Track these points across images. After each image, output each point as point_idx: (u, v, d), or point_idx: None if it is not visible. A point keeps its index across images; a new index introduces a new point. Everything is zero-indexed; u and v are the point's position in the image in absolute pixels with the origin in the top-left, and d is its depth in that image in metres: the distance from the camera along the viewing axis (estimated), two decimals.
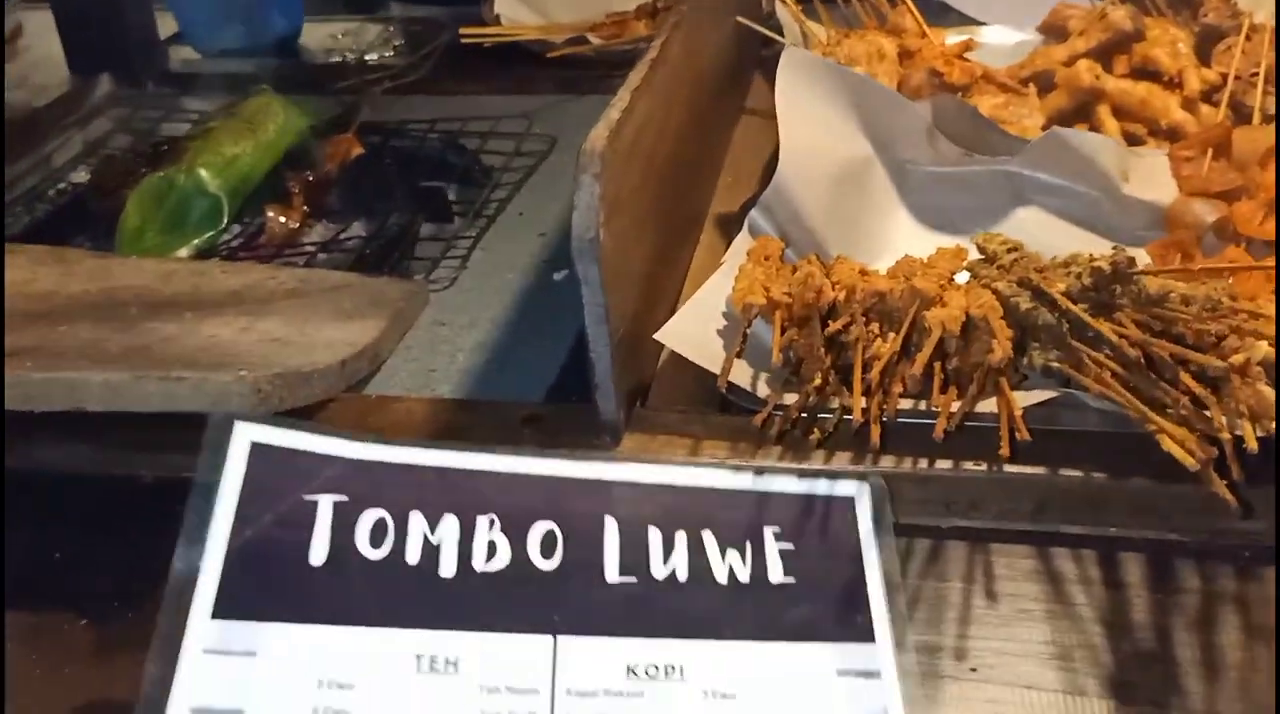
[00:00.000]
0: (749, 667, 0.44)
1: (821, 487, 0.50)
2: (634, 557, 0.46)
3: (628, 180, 0.56)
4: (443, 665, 0.42)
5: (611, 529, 0.47)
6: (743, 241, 0.68)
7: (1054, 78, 0.86)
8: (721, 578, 0.46)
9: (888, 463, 0.52)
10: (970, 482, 0.52)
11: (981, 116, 0.77)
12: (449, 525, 0.45)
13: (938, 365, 0.54)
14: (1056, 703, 0.44)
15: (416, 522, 0.45)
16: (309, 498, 0.44)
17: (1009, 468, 0.52)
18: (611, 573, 0.46)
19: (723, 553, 0.47)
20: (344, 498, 0.45)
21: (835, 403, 0.55)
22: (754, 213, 0.69)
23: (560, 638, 0.43)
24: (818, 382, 0.53)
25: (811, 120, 0.72)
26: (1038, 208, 0.73)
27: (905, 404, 0.54)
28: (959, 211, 0.73)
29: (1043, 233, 0.70)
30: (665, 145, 0.65)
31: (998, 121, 0.78)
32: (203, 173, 0.78)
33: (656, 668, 0.43)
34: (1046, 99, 0.86)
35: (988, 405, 0.53)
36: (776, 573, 0.47)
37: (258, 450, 0.45)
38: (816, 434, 0.52)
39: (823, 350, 0.55)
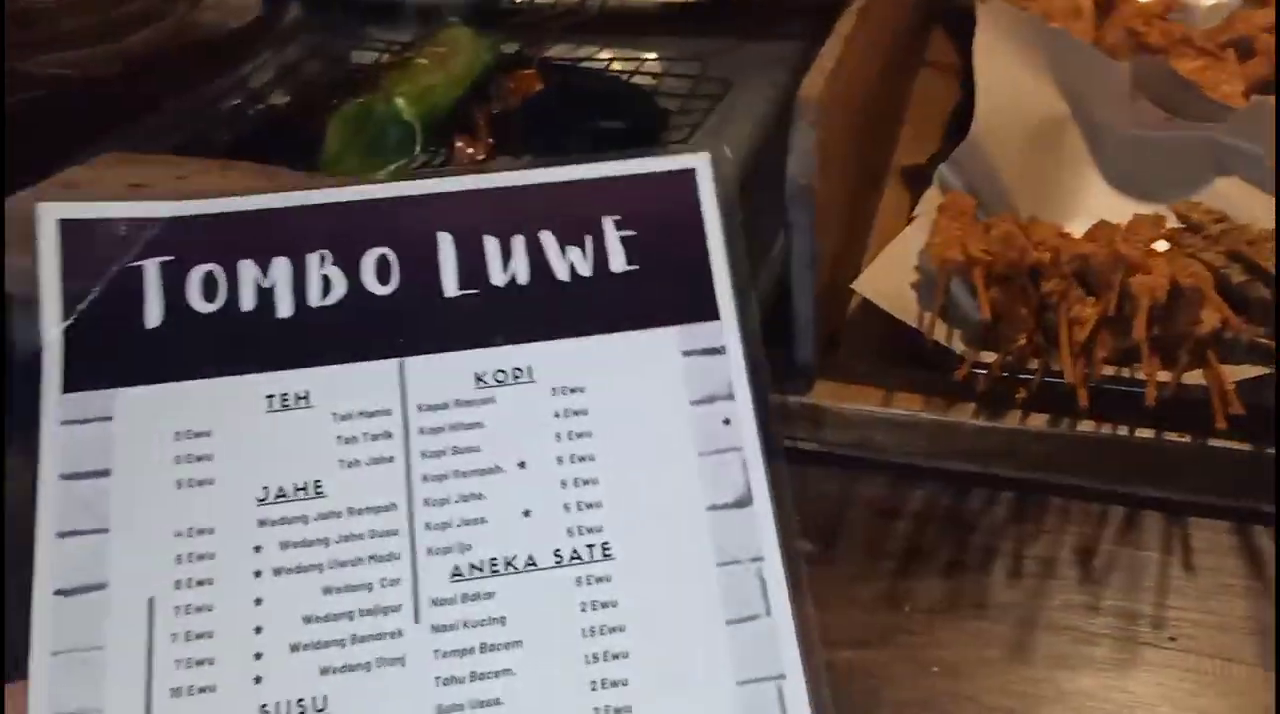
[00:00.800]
0: (595, 359, 0.44)
1: (659, 164, 0.48)
2: (472, 268, 0.45)
3: (837, 128, 0.56)
4: (293, 401, 0.43)
5: (446, 244, 0.45)
6: (932, 196, 0.68)
7: (1254, 44, 0.83)
8: (563, 275, 0.45)
9: (1087, 427, 0.52)
10: (1172, 452, 0.52)
11: (1185, 80, 0.74)
12: (280, 268, 0.44)
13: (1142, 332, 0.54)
14: (1256, 677, 0.44)
15: (247, 269, 0.44)
16: (134, 264, 0.44)
17: (1212, 441, 0.51)
18: (450, 288, 0.45)
19: (563, 250, 0.46)
20: (169, 257, 0.44)
21: (1033, 364, 0.55)
22: (943, 168, 0.69)
23: (406, 359, 0.44)
24: (1022, 341, 0.53)
25: (1009, 76, 0.71)
26: (1239, 178, 0.71)
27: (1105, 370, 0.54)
28: (1155, 177, 0.71)
29: (1244, 204, 0.68)
30: (864, 95, 0.65)
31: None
32: (400, 101, 0.80)
33: (504, 372, 0.44)
34: (1246, 66, 0.82)
35: (1190, 376, 0.53)
36: (619, 262, 0.46)
37: (68, 227, 0.44)
38: (1022, 393, 0.52)
39: (1025, 310, 0.55)
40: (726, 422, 0.44)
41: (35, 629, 0.38)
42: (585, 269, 0.45)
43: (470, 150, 0.84)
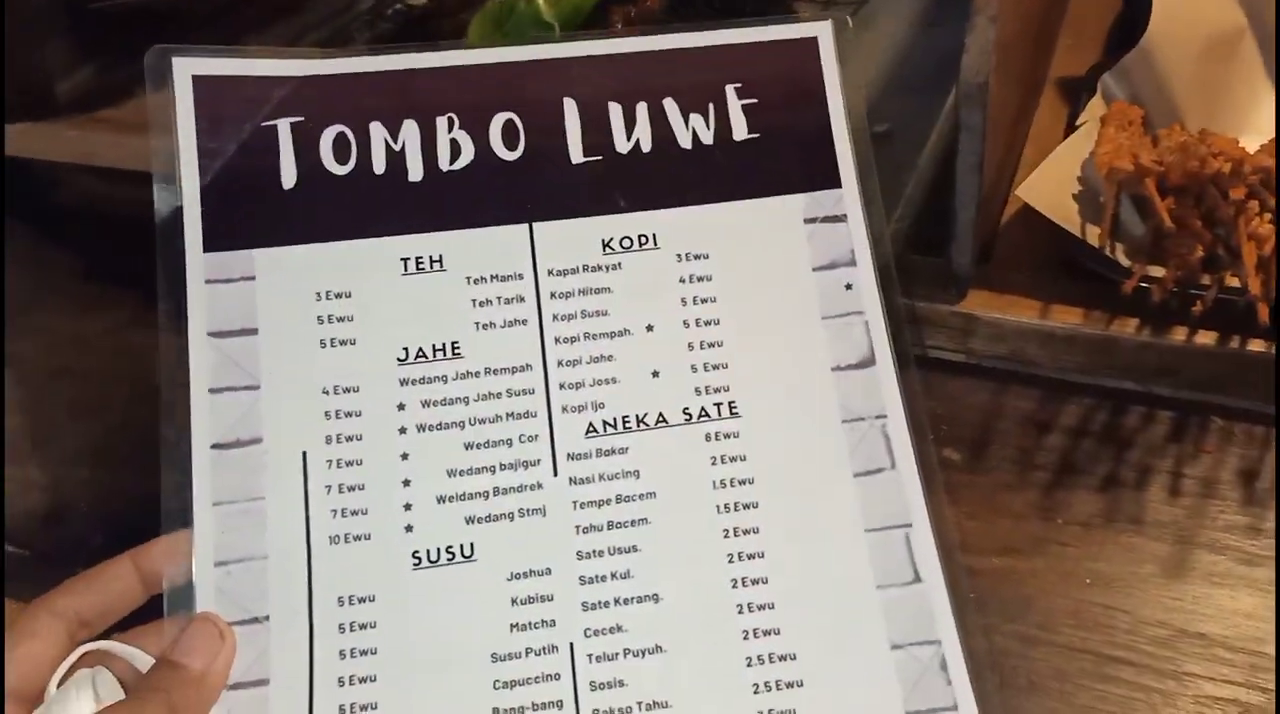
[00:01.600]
0: (718, 226, 0.45)
1: (782, 32, 0.48)
2: (597, 135, 0.46)
3: (1011, 26, 0.54)
4: (428, 264, 0.44)
5: (571, 110, 0.46)
6: (1096, 106, 0.65)
7: None
8: (686, 143, 0.46)
9: (1257, 346, 0.50)
10: None
11: None
12: (409, 130, 0.45)
13: None
14: None
15: (377, 131, 0.45)
16: (267, 124, 0.44)
17: None
18: (576, 154, 0.46)
19: (686, 118, 0.46)
20: (300, 118, 0.44)
21: (1205, 279, 0.53)
22: (1108, 77, 0.66)
23: (535, 224, 0.45)
24: (1199, 254, 0.51)
25: None
26: None
27: None
28: None
29: None
30: None
31: None
32: (540, 1, 0.79)
33: (630, 239, 0.45)
34: None
35: None
36: (741, 130, 0.46)
37: (202, 82, 0.44)
38: (1199, 307, 0.50)
39: (1200, 223, 0.53)
40: (849, 287, 0.44)
41: (196, 481, 0.40)
42: (708, 137, 0.46)
43: None
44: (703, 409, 0.43)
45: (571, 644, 0.40)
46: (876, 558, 0.41)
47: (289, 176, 0.44)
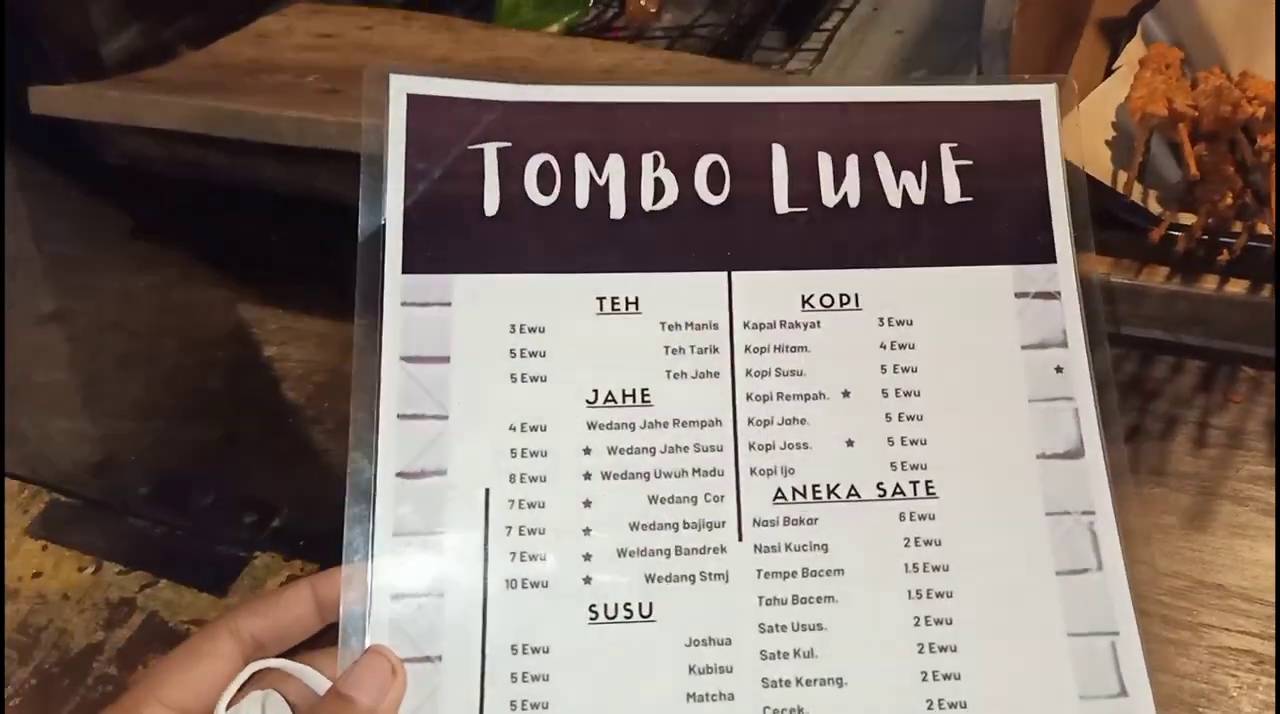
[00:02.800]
0: (924, 292, 0.43)
1: (1003, 93, 0.46)
2: (804, 185, 0.44)
3: None
4: (624, 305, 0.42)
5: (780, 157, 0.44)
6: (1134, 48, 0.64)
7: None
8: (895, 202, 0.44)
9: None
10: None
11: None
12: (615, 165, 0.44)
13: None
14: None
15: (582, 163, 0.43)
16: (473, 147, 0.43)
17: None
18: (781, 203, 0.44)
19: (897, 175, 0.44)
20: (508, 144, 0.43)
21: (1237, 227, 0.52)
22: (1149, 18, 0.64)
23: (735, 273, 0.43)
24: (1229, 201, 0.50)
25: None
26: None
27: None
28: None
29: None
30: None
31: None
32: None
33: (831, 297, 0.43)
34: None
35: None
36: (953, 193, 0.44)
37: (415, 101, 0.43)
38: (1225, 255, 0.50)
39: (1232, 169, 0.52)
40: (1059, 369, 0.42)
41: (379, 509, 0.39)
42: (918, 197, 0.44)
43: (643, 3, 0.83)
44: (898, 486, 0.40)
45: None
46: (1080, 666, 0.38)
47: (492, 203, 0.43)
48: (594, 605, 0.39)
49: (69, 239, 0.72)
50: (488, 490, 0.40)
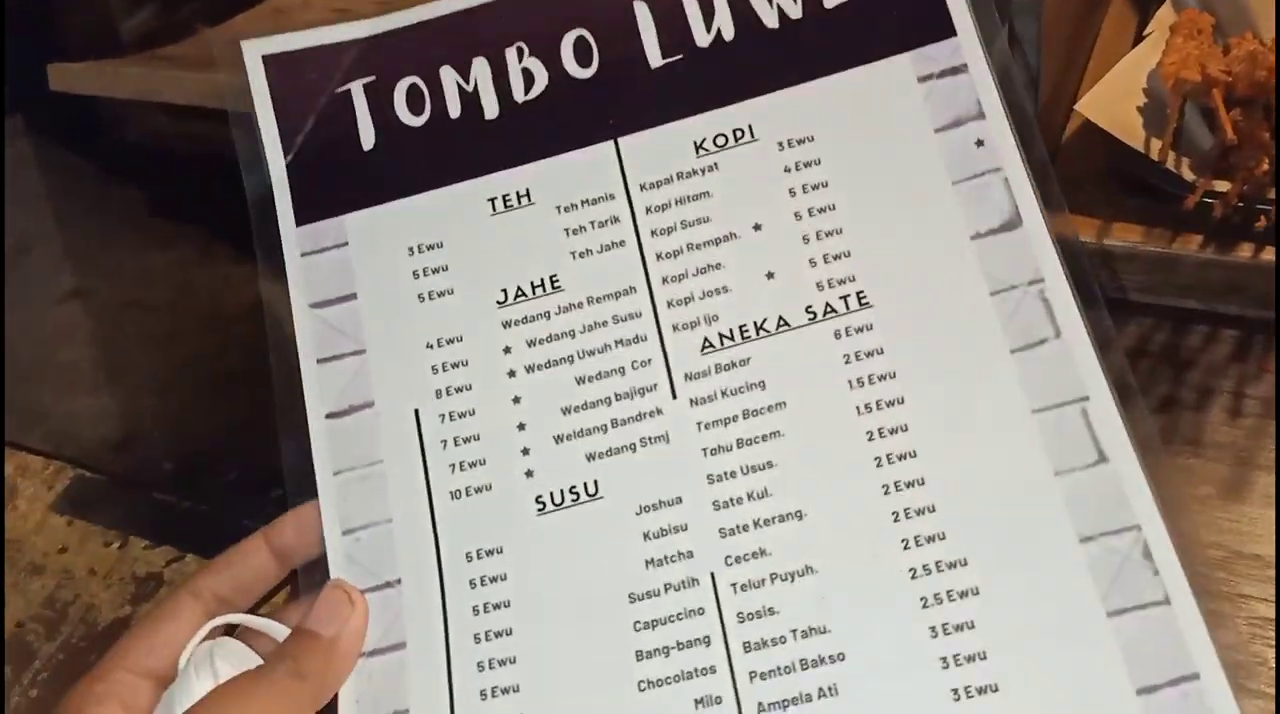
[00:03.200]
0: (820, 105, 0.41)
1: None
2: (674, 33, 0.43)
3: None
4: (516, 200, 0.42)
5: (643, 12, 0.43)
6: (1165, 15, 0.63)
7: None
8: (772, 22, 0.42)
9: None
10: None
11: None
12: (480, 68, 0.44)
13: None
14: None
15: (448, 75, 0.44)
16: (340, 90, 0.44)
17: None
18: (654, 58, 0.43)
19: None
20: (371, 78, 0.44)
21: (1272, 193, 0.51)
22: None
23: (621, 140, 0.42)
24: (1265, 167, 0.49)
25: None
26: None
27: None
28: None
29: None
30: None
31: None
32: None
33: (725, 136, 0.42)
34: None
35: None
36: None
37: (272, 62, 0.44)
38: (1262, 222, 0.49)
39: (1268, 135, 0.51)
40: (980, 143, 0.40)
41: (316, 452, 0.40)
42: (795, 10, 0.42)
43: None
44: (828, 305, 0.39)
45: (713, 574, 0.37)
46: (1050, 441, 0.36)
47: (368, 137, 0.43)
48: (540, 496, 0.39)
49: (88, 217, 0.72)
50: (417, 411, 0.40)
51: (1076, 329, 0.37)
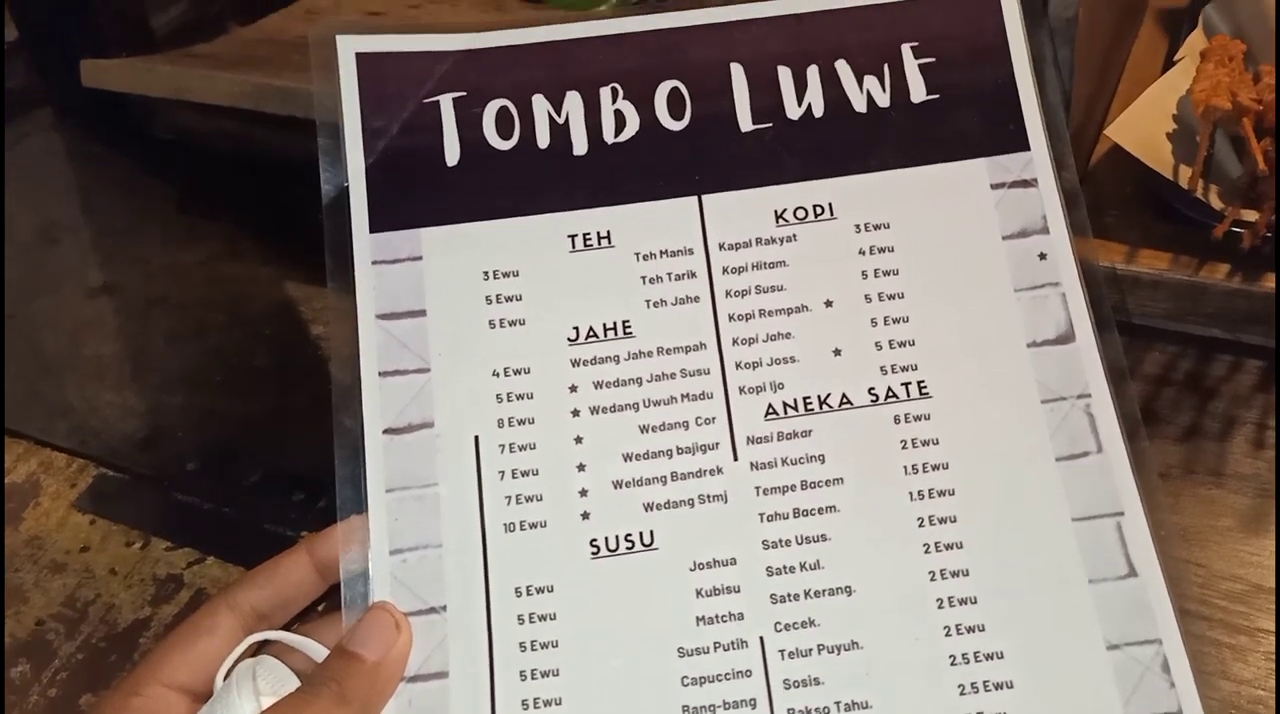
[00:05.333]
0: (898, 194, 0.43)
1: None
2: (766, 100, 0.44)
3: None
4: (596, 241, 0.42)
5: (739, 76, 0.44)
6: (1196, 39, 0.62)
7: None
8: (860, 107, 0.43)
9: None
10: None
11: None
12: (573, 102, 0.43)
13: None
14: None
15: (540, 104, 0.43)
16: (429, 100, 0.43)
17: None
18: (745, 121, 0.43)
19: (859, 80, 0.44)
20: (462, 93, 0.43)
21: None
22: (1210, 9, 0.63)
23: (705, 197, 0.43)
24: None
25: None
26: None
27: None
28: None
29: None
30: None
31: None
32: None
33: (805, 209, 0.43)
34: None
35: None
36: (919, 92, 0.44)
37: (365, 60, 0.44)
38: None
39: None
40: (1042, 256, 0.42)
41: (370, 467, 0.39)
42: (884, 99, 0.43)
43: None
44: (889, 389, 0.40)
45: (762, 639, 0.38)
46: (1087, 550, 0.38)
47: (452, 153, 0.43)
48: (594, 540, 0.39)
49: (117, 211, 0.73)
50: (477, 437, 0.40)
51: (1117, 447, 0.39)
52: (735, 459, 0.40)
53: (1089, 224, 0.42)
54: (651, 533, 0.39)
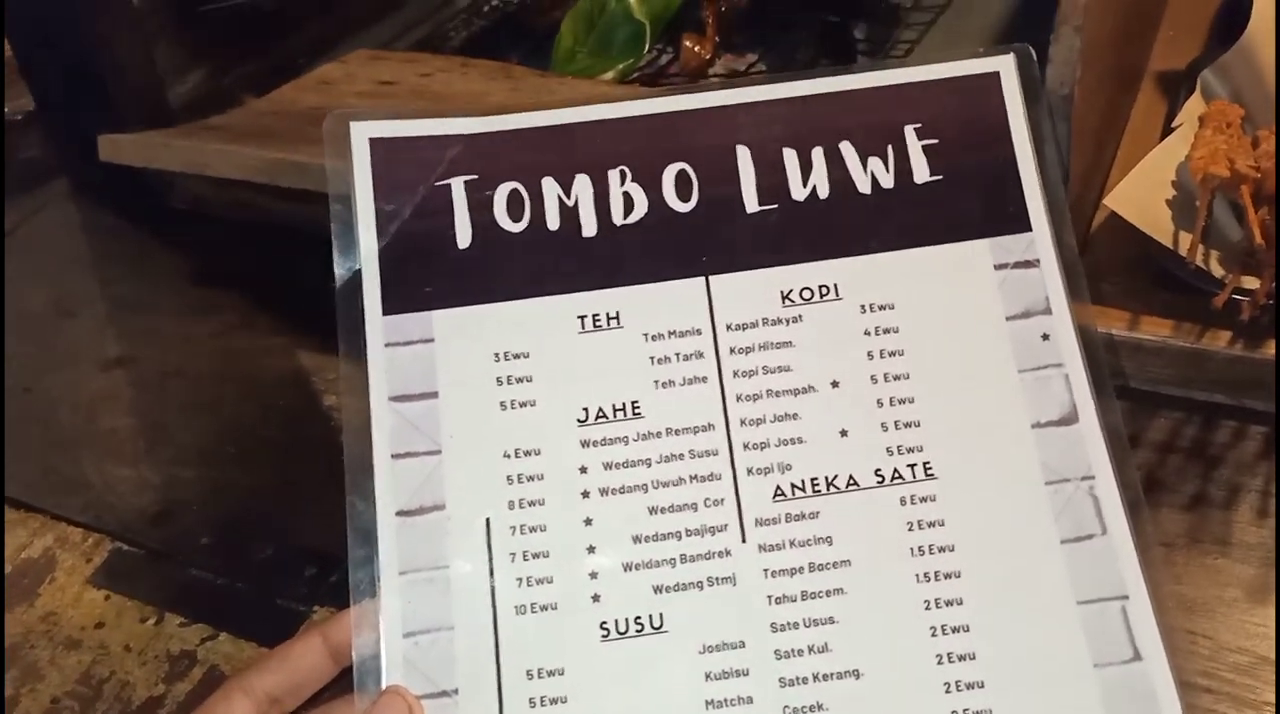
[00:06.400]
0: (903, 275, 0.43)
1: (961, 69, 0.45)
2: (772, 182, 0.44)
3: (1100, 32, 0.53)
4: (605, 322, 0.43)
5: (745, 158, 0.44)
6: (1194, 105, 0.63)
7: None
8: (865, 188, 0.44)
9: None
10: None
11: None
12: (582, 185, 0.44)
13: None
14: None
15: (550, 187, 0.44)
16: (440, 183, 0.44)
17: None
18: (751, 203, 0.44)
19: (864, 162, 0.44)
20: (474, 176, 0.44)
21: None
22: (1208, 73, 0.64)
23: (712, 278, 0.43)
24: None
25: None
26: None
27: None
28: None
29: None
30: None
31: None
32: (631, 0, 0.80)
33: (811, 290, 0.43)
34: None
35: None
36: (922, 173, 0.44)
37: (377, 145, 0.44)
38: None
39: None
40: (1045, 337, 0.42)
41: (383, 550, 0.39)
42: (887, 181, 0.44)
43: (697, 49, 0.83)
44: (895, 471, 0.41)
45: None
46: (1092, 633, 0.38)
47: (464, 236, 0.44)
48: (605, 623, 0.39)
49: (132, 283, 0.74)
50: (488, 520, 0.40)
51: (1121, 529, 0.39)
52: (743, 541, 0.40)
53: (1088, 293, 0.43)
54: (661, 615, 0.39)
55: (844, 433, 0.41)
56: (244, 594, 0.52)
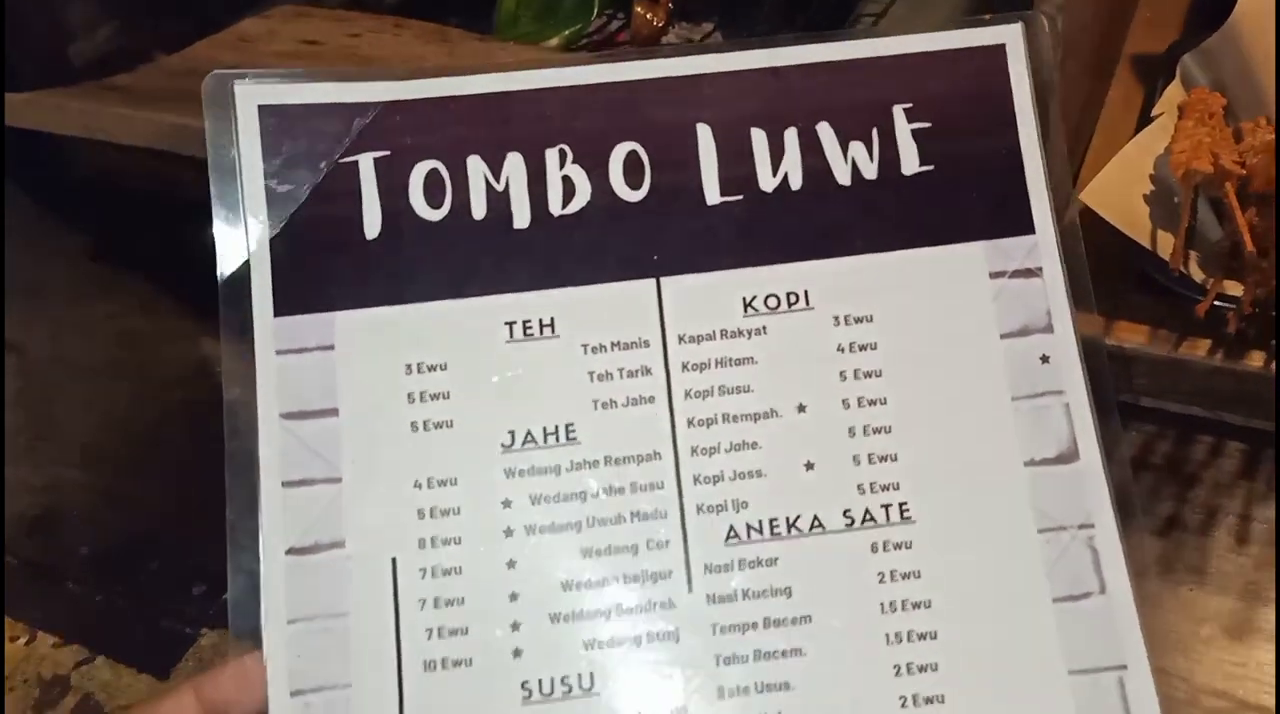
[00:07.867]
0: (884, 282, 0.38)
1: (960, 39, 0.40)
2: (736, 169, 0.38)
3: (1079, 16, 0.49)
4: (537, 329, 0.37)
5: (706, 139, 0.39)
6: (1174, 93, 0.59)
7: None
8: (844, 179, 0.38)
9: None
10: None
11: None
12: (514, 165, 0.38)
13: None
14: None
15: (475, 167, 0.38)
16: (346, 160, 0.38)
17: None
18: (712, 193, 0.38)
19: (844, 147, 0.39)
20: (386, 152, 0.38)
21: None
22: (1189, 59, 0.60)
23: (664, 279, 0.38)
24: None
25: None
26: None
27: None
28: None
29: None
30: None
31: None
32: None
33: (777, 297, 0.38)
34: None
35: None
36: (911, 162, 0.39)
37: (268, 113, 0.38)
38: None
39: None
40: (1044, 359, 0.37)
41: (267, 594, 0.35)
42: (870, 171, 0.39)
43: (649, 16, 0.79)
44: (867, 512, 0.36)
45: None
46: (1084, 709, 0.34)
47: (373, 224, 0.38)
48: (526, 682, 0.34)
49: (23, 259, 0.68)
50: (394, 560, 0.35)
51: (1122, 587, 0.35)
52: (690, 590, 0.35)
53: (1102, 328, 0.38)
54: (592, 675, 0.34)
55: (809, 466, 0.36)
56: (125, 613, 0.48)
